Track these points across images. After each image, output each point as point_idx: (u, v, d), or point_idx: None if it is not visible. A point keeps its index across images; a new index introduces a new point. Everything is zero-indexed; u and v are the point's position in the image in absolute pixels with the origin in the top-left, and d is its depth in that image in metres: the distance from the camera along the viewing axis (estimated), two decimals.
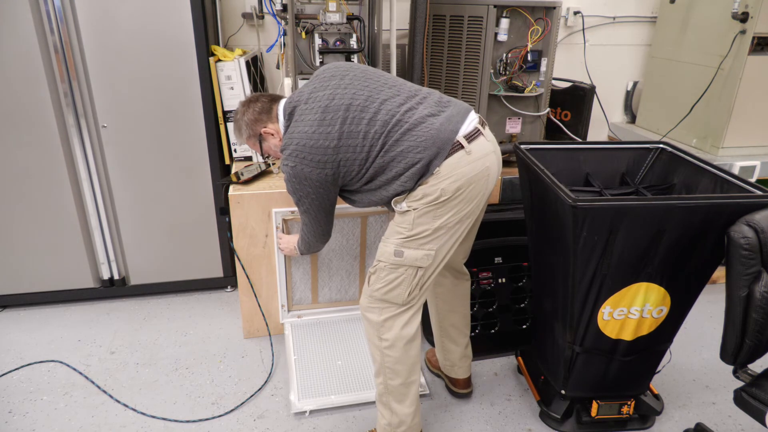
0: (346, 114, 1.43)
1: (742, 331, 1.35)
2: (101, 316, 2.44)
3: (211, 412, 1.91)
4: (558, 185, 1.49)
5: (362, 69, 1.55)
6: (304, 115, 1.47)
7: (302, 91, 1.53)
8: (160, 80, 2.17)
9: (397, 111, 1.44)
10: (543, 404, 1.90)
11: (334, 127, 1.43)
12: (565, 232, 1.50)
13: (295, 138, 1.46)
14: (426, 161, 1.41)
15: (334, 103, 1.44)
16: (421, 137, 1.41)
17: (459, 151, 1.42)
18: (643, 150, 1.93)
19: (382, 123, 1.43)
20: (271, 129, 1.61)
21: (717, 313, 2.53)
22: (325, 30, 1.97)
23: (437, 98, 1.51)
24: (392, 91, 1.48)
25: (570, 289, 1.57)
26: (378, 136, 1.43)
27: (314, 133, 1.43)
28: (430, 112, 1.45)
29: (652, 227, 1.45)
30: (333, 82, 1.49)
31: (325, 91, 1.47)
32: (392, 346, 1.54)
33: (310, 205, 1.54)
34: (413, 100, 1.48)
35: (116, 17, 2.04)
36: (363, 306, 1.59)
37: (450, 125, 1.43)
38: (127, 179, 2.30)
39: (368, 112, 1.44)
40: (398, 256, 1.48)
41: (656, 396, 1.90)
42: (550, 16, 2.29)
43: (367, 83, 1.49)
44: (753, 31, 2.38)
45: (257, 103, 1.63)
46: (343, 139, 1.43)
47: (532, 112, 2.44)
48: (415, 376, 1.61)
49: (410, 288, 1.50)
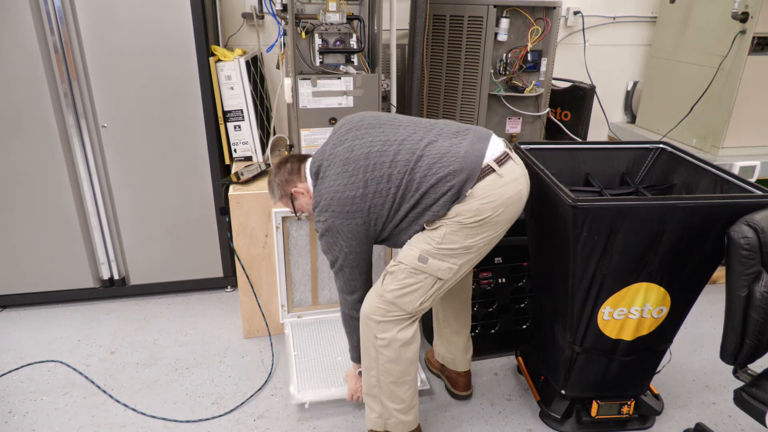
0: (366, 162, 1.46)
1: (742, 331, 1.35)
2: (101, 316, 2.44)
3: (211, 412, 1.91)
4: (558, 185, 1.49)
5: (375, 116, 1.58)
6: (328, 171, 1.51)
7: (324, 149, 1.57)
8: (160, 80, 2.17)
9: (417, 147, 1.45)
10: (543, 404, 1.90)
11: (357, 176, 1.45)
12: (565, 232, 1.50)
13: (323, 194, 1.49)
14: (457, 188, 1.41)
15: (354, 154, 1.48)
16: (448, 166, 1.41)
17: (491, 174, 1.42)
18: (643, 150, 1.93)
19: (404, 162, 1.44)
20: (301, 188, 1.65)
21: (717, 313, 2.54)
22: (325, 30, 1.97)
23: (455, 128, 1.51)
24: (408, 130, 1.50)
25: (570, 289, 1.57)
26: (402, 175, 1.44)
27: (340, 185, 1.47)
28: (451, 142, 1.46)
29: (652, 227, 1.45)
30: (350, 135, 1.52)
31: (343, 144, 1.51)
32: (388, 346, 1.54)
33: (344, 260, 1.54)
34: (431, 134, 1.48)
35: (116, 17, 2.04)
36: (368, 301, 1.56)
37: (475, 150, 1.43)
38: (127, 179, 2.30)
39: (388, 155, 1.45)
40: (422, 262, 1.47)
41: (656, 396, 1.90)
42: (550, 16, 2.29)
43: (382, 129, 1.51)
44: (753, 31, 2.38)
45: (287, 164, 1.68)
46: (369, 186, 1.45)
47: (532, 112, 2.44)
48: (409, 377, 1.58)
49: (424, 297, 1.50)
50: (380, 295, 1.53)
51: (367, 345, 1.58)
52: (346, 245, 1.51)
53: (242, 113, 2.30)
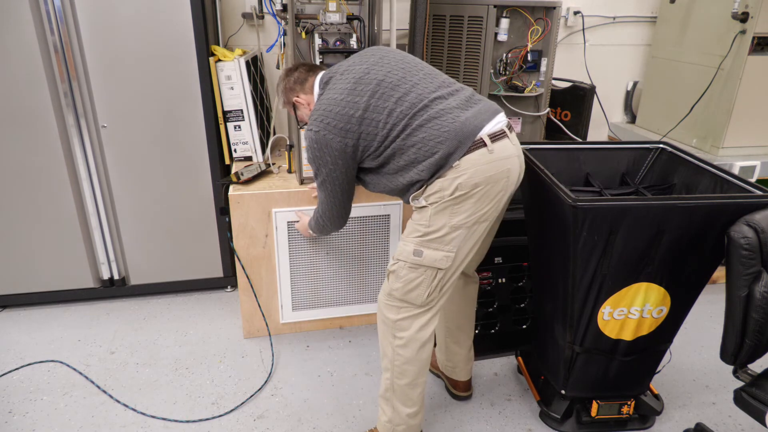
0: (376, 88, 1.44)
1: (742, 331, 1.35)
2: (101, 316, 2.44)
3: (211, 412, 1.91)
4: (558, 185, 1.49)
5: (402, 54, 1.57)
6: (337, 84, 1.50)
7: (342, 63, 1.56)
8: (160, 80, 2.16)
9: (426, 96, 1.44)
10: (543, 404, 1.90)
11: (362, 98, 1.44)
12: (565, 232, 1.50)
13: (323, 104, 1.48)
14: (445, 153, 1.40)
15: (368, 76, 1.46)
16: (444, 127, 1.40)
17: (481, 148, 1.41)
18: (643, 150, 1.93)
19: (409, 104, 1.43)
20: (302, 99, 1.65)
21: (717, 313, 2.53)
22: (325, 30, 1.97)
23: (468, 94, 1.51)
24: (426, 78, 1.49)
25: (570, 289, 1.57)
26: (402, 117, 1.43)
27: (342, 100, 1.45)
28: (458, 104, 1.45)
29: (653, 227, 1.45)
30: (371, 59, 1.51)
31: (362, 65, 1.50)
32: (406, 346, 1.54)
33: (327, 176, 1.52)
34: (445, 89, 1.48)
35: (116, 17, 2.04)
36: (381, 303, 1.58)
37: (475, 121, 1.42)
38: (127, 179, 2.30)
39: (398, 91, 1.44)
40: (417, 256, 1.47)
41: (656, 396, 1.90)
42: (550, 16, 2.29)
43: (404, 66, 1.50)
44: (753, 31, 2.38)
45: (295, 72, 1.68)
46: (368, 111, 1.44)
47: (532, 112, 2.44)
48: (423, 378, 1.61)
49: (429, 289, 1.50)
50: (389, 294, 1.54)
51: (385, 345, 1.59)
52: (331, 161, 1.49)
53: (242, 113, 2.30)
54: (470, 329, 1.89)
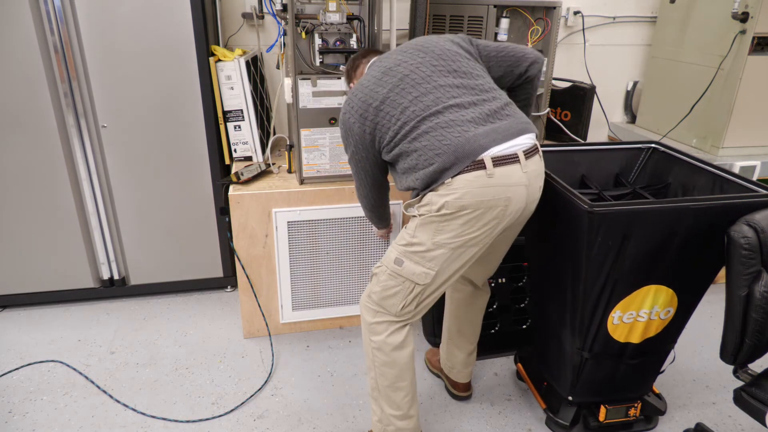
0: (399, 82, 1.42)
1: (742, 331, 1.34)
2: (101, 316, 2.44)
3: (211, 412, 1.91)
4: (571, 191, 1.46)
5: (444, 49, 1.49)
6: (371, 70, 1.51)
7: (391, 51, 1.56)
8: (160, 80, 2.17)
9: (443, 102, 1.38)
10: (549, 411, 1.85)
11: (384, 89, 1.43)
12: (577, 238, 1.46)
13: (356, 88, 1.50)
14: (440, 167, 1.33)
15: (397, 68, 1.45)
16: (446, 140, 1.33)
17: (480, 170, 1.32)
18: (636, 150, 1.92)
19: (424, 107, 1.38)
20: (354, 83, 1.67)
21: (717, 313, 2.53)
22: (325, 30, 1.97)
23: (496, 107, 1.41)
24: (456, 81, 1.42)
25: (580, 295, 1.54)
26: (413, 117, 1.38)
27: (366, 87, 1.46)
28: (474, 118, 1.37)
29: (665, 230, 1.43)
30: (410, 52, 1.49)
31: (399, 55, 1.49)
32: (380, 349, 1.53)
33: (352, 156, 1.54)
34: (470, 97, 1.40)
35: (116, 17, 2.04)
36: (361, 302, 1.58)
37: (483, 140, 1.33)
38: (127, 179, 2.30)
39: (418, 90, 1.40)
40: (398, 265, 1.45)
41: (659, 396, 1.89)
42: (550, 16, 2.29)
43: (437, 62, 1.45)
44: (753, 31, 2.38)
45: (351, 60, 1.73)
46: (385, 104, 1.42)
47: (532, 112, 2.44)
48: (405, 383, 1.55)
49: (404, 302, 1.47)
50: (368, 295, 1.55)
51: (366, 344, 1.58)
52: (353, 144, 1.50)
53: (242, 113, 2.30)
54: (473, 335, 1.88)
